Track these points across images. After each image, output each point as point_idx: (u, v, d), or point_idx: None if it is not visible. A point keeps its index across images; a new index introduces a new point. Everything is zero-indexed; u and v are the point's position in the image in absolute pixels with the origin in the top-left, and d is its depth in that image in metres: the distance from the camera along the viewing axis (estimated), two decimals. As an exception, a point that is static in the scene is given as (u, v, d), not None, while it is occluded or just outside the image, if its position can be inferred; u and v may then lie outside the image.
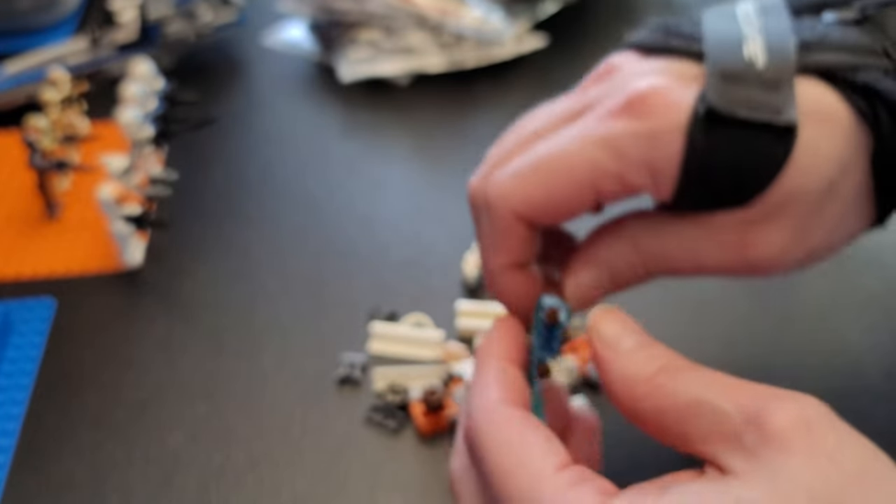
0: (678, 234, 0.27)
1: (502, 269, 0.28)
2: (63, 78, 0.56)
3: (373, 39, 0.63)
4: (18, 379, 0.42)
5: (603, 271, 0.27)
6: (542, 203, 0.26)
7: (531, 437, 0.23)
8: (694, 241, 0.26)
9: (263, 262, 0.48)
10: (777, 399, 0.22)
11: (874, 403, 0.39)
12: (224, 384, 0.41)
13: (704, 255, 0.26)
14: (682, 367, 0.24)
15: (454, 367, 0.40)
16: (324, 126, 0.60)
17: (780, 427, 0.21)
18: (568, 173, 0.25)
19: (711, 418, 0.22)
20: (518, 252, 0.28)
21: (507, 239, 0.27)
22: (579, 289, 0.28)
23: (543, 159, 0.26)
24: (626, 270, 0.27)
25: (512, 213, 0.26)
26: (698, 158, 0.24)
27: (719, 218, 0.26)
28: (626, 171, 0.25)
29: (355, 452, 0.38)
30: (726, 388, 0.23)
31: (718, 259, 0.26)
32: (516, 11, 0.65)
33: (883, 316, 0.43)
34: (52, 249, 0.50)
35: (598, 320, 0.26)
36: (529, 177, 0.26)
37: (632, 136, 0.25)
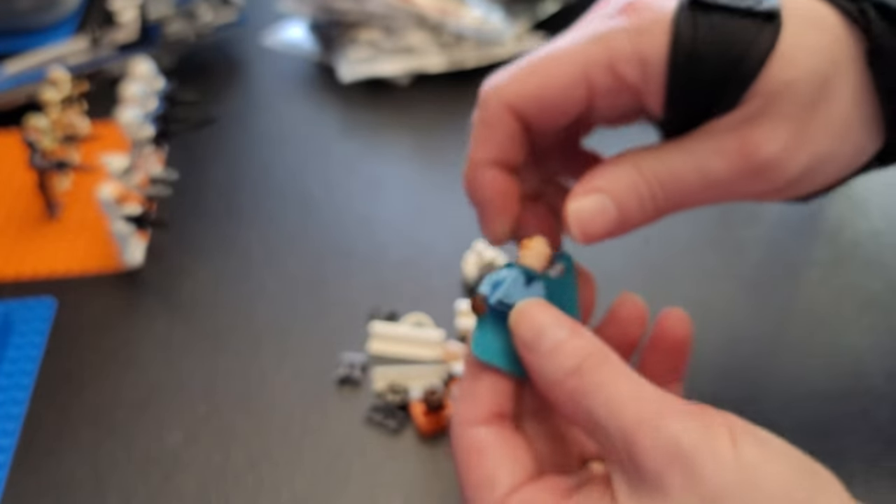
0: (681, 151, 0.26)
1: (485, 162, 0.27)
2: (63, 78, 0.56)
3: (373, 39, 0.63)
4: (19, 379, 0.42)
5: (605, 197, 0.26)
6: (534, 95, 0.26)
7: (485, 466, 0.25)
8: (697, 154, 0.26)
9: (263, 262, 0.48)
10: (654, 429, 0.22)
11: (876, 404, 0.39)
12: (224, 384, 0.41)
13: (710, 166, 0.25)
14: (594, 369, 0.23)
15: (454, 367, 0.40)
16: (324, 126, 0.60)
17: (651, 467, 0.21)
18: (560, 66, 0.26)
19: (604, 440, 0.23)
20: (504, 147, 0.27)
21: (495, 131, 0.27)
22: (580, 214, 0.26)
23: (539, 56, 0.26)
24: (630, 197, 0.26)
25: (503, 104, 0.26)
26: (684, 47, 0.25)
27: (718, 124, 0.26)
28: (616, 62, 0.25)
29: (355, 452, 0.38)
30: (620, 406, 0.22)
31: (724, 168, 0.25)
32: (516, 11, 0.65)
33: (883, 316, 0.43)
34: (52, 249, 0.50)
35: (516, 320, 0.25)
36: (524, 70, 0.26)
37: (623, 31, 0.25)
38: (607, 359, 0.24)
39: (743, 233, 0.49)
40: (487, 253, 0.46)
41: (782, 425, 0.38)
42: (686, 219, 0.50)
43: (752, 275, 0.46)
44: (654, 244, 0.48)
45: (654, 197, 0.26)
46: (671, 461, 0.21)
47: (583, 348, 0.24)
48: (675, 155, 0.26)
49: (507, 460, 0.25)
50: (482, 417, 0.26)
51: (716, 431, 0.22)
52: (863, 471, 0.36)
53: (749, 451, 0.21)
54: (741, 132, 0.25)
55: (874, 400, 0.39)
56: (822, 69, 0.25)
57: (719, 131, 0.26)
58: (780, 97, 0.25)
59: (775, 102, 0.25)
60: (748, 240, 0.48)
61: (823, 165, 0.26)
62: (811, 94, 0.25)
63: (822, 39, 0.25)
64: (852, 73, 0.26)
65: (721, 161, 0.25)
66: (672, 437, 0.21)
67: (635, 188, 0.26)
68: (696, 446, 0.21)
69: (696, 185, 0.26)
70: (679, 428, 0.22)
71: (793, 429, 0.38)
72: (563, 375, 0.24)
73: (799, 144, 0.25)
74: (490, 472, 0.25)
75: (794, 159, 0.25)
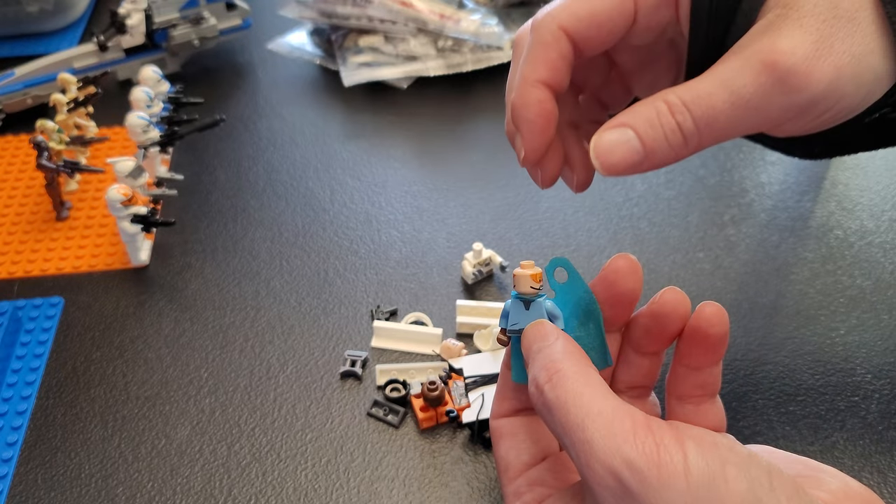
0: (707, 75, 0.26)
1: (535, 82, 0.28)
2: (71, 81, 0.57)
3: (374, 44, 0.64)
4: (27, 375, 0.43)
5: (627, 129, 0.26)
6: (587, 17, 0.27)
7: (500, 449, 0.29)
8: (723, 73, 0.26)
9: (268, 261, 0.49)
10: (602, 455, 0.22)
11: (865, 400, 0.40)
12: (229, 380, 0.42)
13: (736, 82, 0.25)
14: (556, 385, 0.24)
15: (453, 364, 0.41)
16: (327, 128, 0.61)
17: (600, 493, 0.22)
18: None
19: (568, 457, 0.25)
20: (556, 67, 0.27)
21: (549, 51, 0.27)
22: (601, 146, 0.26)
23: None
24: (653, 127, 0.26)
25: (558, 25, 0.27)
26: None
27: (740, 43, 0.26)
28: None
29: (357, 445, 0.39)
30: (574, 426, 0.23)
31: (751, 81, 0.25)
32: (513, 16, 0.66)
33: (871, 314, 0.44)
34: (60, 249, 0.51)
35: (522, 344, 0.27)
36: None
37: None
38: (568, 372, 0.24)
39: (733, 232, 0.50)
40: (485, 252, 0.47)
41: (772, 421, 0.39)
42: (677, 219, 0.51)
43: (743, 273, 0.47)
44: (646, 243, 0.49)
45: (681, 126, 0.26)
46: (620, 497, 0.21)
47: (547, 357, 0.25)
48: (701, 79, 0.26)
49: (520, 443, 0.28)
50: (507, 412, 0.29)
51: (665, 456, 0.21)
52: (852, 466, 0.37)
53: (701, 477, 0.21)
54: (763, 43, 0.25)
55: (863, 396, 0.40)
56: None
57: (742, 47, 0.26)
58: (798, 8, 0.25)
59: (794, 13, 0.25)
60: (738, 239, 0.49)
61: (846, 85, 0.26)
62: (829, 11, 0.25)
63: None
64: (867, 3, 0.26)
65: (747, 74, 0.25)
66: (617, 474, 0.22)
67: (658, 118, 0.26)
68: (643, 481, 0.21)
69: (724, 104, 0.25)
70: (624, 463, 0.21)
71: (783, 424, 0.39)
72: (532, 387, 0.25)
73: (820, 55, 0.25)
74: (504, 455, 0.29)
75: (817, 69, 0.25)
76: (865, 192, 0.53)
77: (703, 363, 0.28)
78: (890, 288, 0.46)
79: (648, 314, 0.28)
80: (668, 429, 0.22)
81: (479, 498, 0.36)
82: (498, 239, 0.50)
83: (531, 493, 0.27)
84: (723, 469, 0.21)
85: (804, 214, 0.51)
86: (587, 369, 0.25)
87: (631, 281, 0.27)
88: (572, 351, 0.25)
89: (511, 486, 0.28)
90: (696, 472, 0.21)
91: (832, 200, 0.52)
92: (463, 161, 0.57)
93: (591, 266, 0.48)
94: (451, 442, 0.39)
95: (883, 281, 0.46)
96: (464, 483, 0.37)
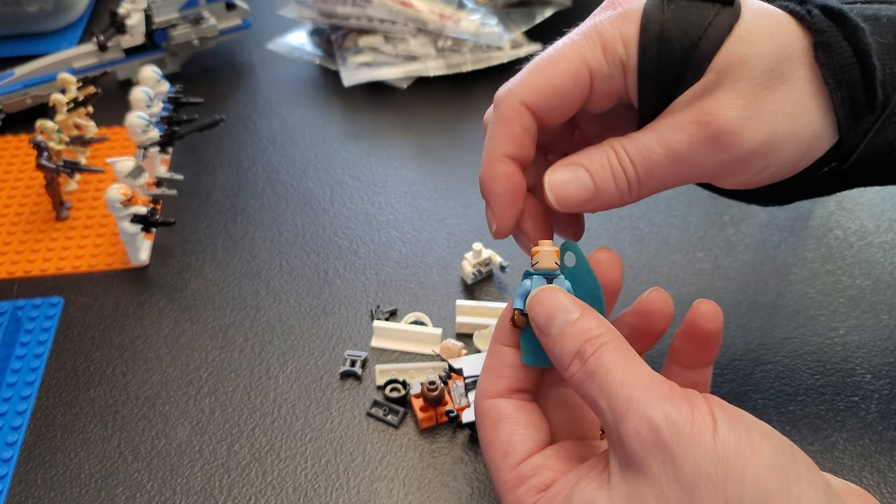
0: (648, 130, 0.28)
1: (500, 157, 0.29)
2: (71, 81, 0.57)
3: (374, 44, 0.64)
4: (26, 375, 0.43)
5: (580, 168, 0.29)
6: (545, 88, 0.29)
7: (501, 432, 0.28)
8: (661, 130, 0.28)
9: (267, 261, 0.49)
10: (638, 415, 0.23)
11: (865, 401, 0.40)
12: (229, 380, 0.42)
13: (672, 139, 0.28)
14: (594, 353, 0.25)
15: (453, 364, 0.41)
16: (326, 128, 0.61)
17: (634, 451, 0.23)
18: (563, 60, 0.29)
19: (602, 420, 0.25)
20: (519, 142, 0.29)
21: (511, 127, 0.29)
22: (555, 181, 0.29)
23: (544, 57, 0.29)
24: (603, 170, 0.29)
25: (519, 101, 0.29)
26: (652, 28, 0.28)
27: (679, 102, 0.28)
28: (606, 45, 0.28)
29: (357, 445, 0.39)
30: (611, 389, 0.24)
31: (685, 139, 0.28)
32: (512, 17, 0.66)
33: (871, 314, 0.44)
34: (59, 249, 0.51)
35: (531, 307, 0.28)
36: (533, 71, 0.29)
37: (609, 19, 0.29)
38: (608, 342, 0.25)
39: (733, 232, 0.50)
40: (485, 252, 0.47)
41: (772, 421, 0.39)
42: (677, 219, 0.51)
43: (742, 273, 0.47)
44: (646, 243, 0.49)
45: (626, 171, 0.28)
46: (651, 447, 0.23)
47: (586, 332, 0.26)
48: (643, 133, 0.28)
49: (522, 428, 0.28)
50: (503, 391, 0.28)
51: (697, 417, 0.23)
52: (852, 466, 0.37)
53: (728, 439, 0.22)
54: (698, 104, 0.28)
55: (863, 396, 0.40)
56: (775, 51, 0.28)
57: (679, 107, 0.28)
58: (734, 71, 0.27)
59: (730, 76, 0.27)
60: (738, 239, 0.49)
61: (781, 143, 0.28)
62: (764, 72, 0.27)
63: (775, 27, 0.28)
64: (804, 63, 0.28)
65: (681, 132, 0.28)
66: (653, 424, 0.23)
67: (608, 162, 0.28)
68: (677, 433, 0.22)
69: (662, 158, 0.28)
70: (661, 414, 0.23)
71: (782, 424, 0.39)
72: (568, 358, 0.26)
73: (753, 116, 0.27)
74: (507, 439, 0.27)
75: (750, 129, 0.27)
76: (865, 192, 0.53)
77: (696, 362, 0.29)
78: (889, 288, 0.46)
79: (635, 313, 0.29)
80: (701, 397, 0.24)
81: (479, 498, 0.36)
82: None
83: (537, 478, 0.26)
84: (748, 434, 0.23)
85: (804, 214, 0.51)
86: (624, 340, 0.26)
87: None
88: (605, 322, 0.26)
89: (513, 473, 0.27)
90: (723, 433, 0.22)
91: (832, 200, 0.52)
92: (463, 161, 0.57)
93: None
94: (451, 442, 0.39)
95: (882, 281, 0.46)
96: (464, 483, 0.37)
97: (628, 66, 0.28)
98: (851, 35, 0.27)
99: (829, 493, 0.23)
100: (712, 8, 0.28)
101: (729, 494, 0.21)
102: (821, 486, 0.23)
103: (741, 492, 0.22)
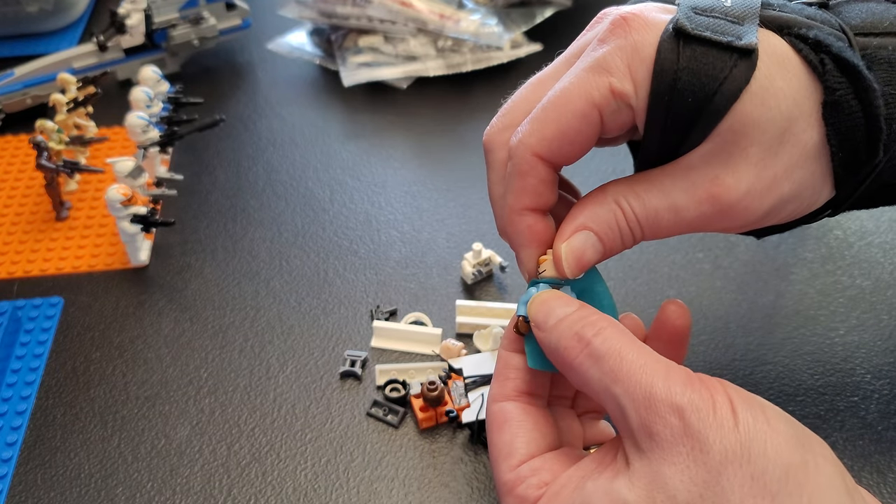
0: (657, 190, 0.28)
1: (522, 211, 0.29)
2: (70, 81, 0.57)
3: (374, 44, 0.64)
4: (26, 375, 0.43)
5: (591, 234, 0.28)
6: (556, 138, 0.28)
7: (505, 435, 0.28)
8: (671, 196, 0.28)
9: (267, 261, 0.49)
10: (662, 400, 0.23)
11: (864, 400, 0.40)
12: (229, 380, 0.42)
13: (682, 207, 0.28)
14: (603, 337, 0.25)
15: (453, 364, 0.41)
16: (326, 128, 0.61)
17: (661, 435, 0.23)
18: (571, 103, 0.27)
19: (613, 406, 0.25)
20: (537, 193, 0.29)
21: (529, 178, 0.29)
22: (572, 252, 0.28)
23: (551, 100, 0.28)
24: (613, 232, 0.28)
25: (532, 153, 0.28)
26: (665, 76, 0.26)
27: (689, 160, 0.28)
28: (615, 82, 0.27)
29: (356, 445, 0.39)
30: (628, 374, 0.24)
31: (694, 211, 0.28)
32: (512, 17, 0.66)
33: (871, 314, 0.44)
34: (59, 249, 0.51)
35: (532, 308, 0.28)
36: (541, 118, 0.28)
37: (617, 50, 0.27)
38: (615, 328, 0.26)
39: (736, 233, 0.50)
40: (485, 252, 0.47)
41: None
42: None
43: (743, 273, 0.47)
44: (646, 244, 0.49)
45: (632, 230, 0.29)
46: (681, 435, 0.23)
47: (583, 318, 0.26)
48: (651, 193, 0.28)
49: (525, 431, 0.28)
50: (510, 394, 0.29)
51: (717, 400, 0.23)
52: (852, 466, 0.37)
53: (747, 419, 0.23)
54: (709, 172, 0.27)
55: (863, 396, 0.40)
56: (788, 113, 0.27)
57: (690, 168, 0.28)
58: (747, 136, 0.27)
59: (742, 141, 0.27)
60: (738, 239, 0.49)
61: (784, 206, 0.28)
62: (775, 136, 0.27)
63: (790, 83, 0.27)
64: (813, 121, 0.27)
65: (691, 202, 0.28)
66: (682, 411, 0.23)
67: (616, 223, 0.28)
68: (701, 417, 0.23)
69: (669, 222, 0.28)
70: (688, 401, 0.23)
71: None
72: (566, 342, 0.26)
73: (763, 186, 0.27)
74: (509, 440, 0.28)
75: (757, 202, 0.27)
76: (865, 192, 0.53)
77: None
78: (889, 288, 0.46)
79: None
80: (716, 381, 0.24)
81: (479, 498, 0.36)
82: (497, 239, 0.50)
83: (536, 477, 0.27)
84: (764, 413, 0.23)
85: (804, 214, 0.51)
86: (626, 328, 0.26)
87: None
88: (605, 315, 0.27)
89: (511, 474, 0.27)
90: (742, 414, 0.23)
91: (832, 200, 0.52)
92: (463, 161, 0.57)
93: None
94: (451, 442, 0.39)
95: (882, 281, 0.46)
96: (464, 483, 0.37)
97: (637, 108, 0.27)
98: (863, 95, 0.27)
99: (839, 465, 0.24)
100: (730, 59, 0.26)
101: (753, 469, 0.22)
102: (831, 459, 0.24)
103: (764, 465, 0.22)
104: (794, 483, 0.22)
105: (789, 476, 0.22)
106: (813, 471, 0.23)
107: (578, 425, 0.31)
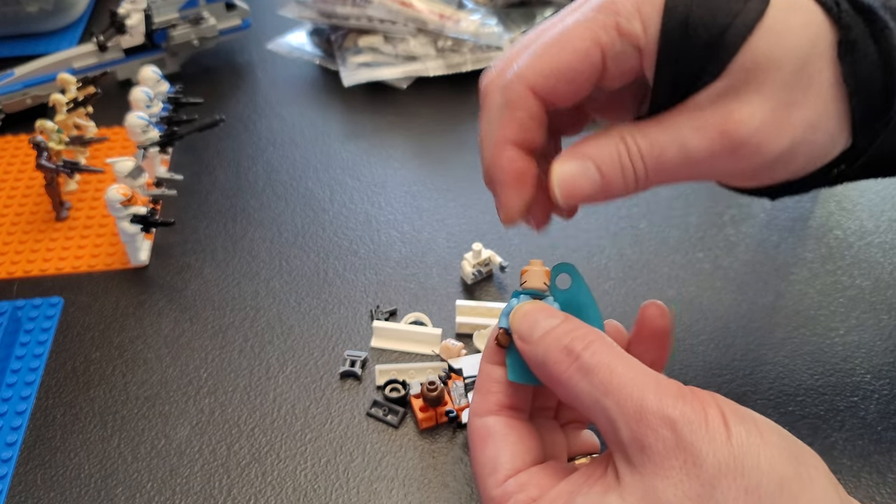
0: (664, 126, 0.27)
1: (507, 142, 0.28)
2: (70, 81, 0.57)
3: (373, 44, 0.64)
4: (26, 376, 0.43)
5: (589, 162, 0.27)
6: (553, 74, 0.27)
7: (489, 450, 0.27)
8: (679, 130, 0.26)
9: (267, 262, 0.49)
10: (654, 414, 0.23)
11: (864, 400, 0.40)
12: (228, 380, 0.42)
13: (689, 142, 0.26)
14: (591, 350, 0.25)
15: (453, 364, 0.41)
16: (326, 128, 0.61)
17: (653, 449, 0.23)
18: (573, 39, 0.26)
19: (603, 419, 0.24)
20: (527, 128, 0.28)
21: (518, 112, 0.27)
22: (563, 176, 0.27)
23: (553, 36, 0.27)
24: (613, 164, 0.27)
25: (527, 86, 0.27)
26: (676, 13, 0.25)
27: (699, 99, 0.26)
28: (621, 21, 0.26)
29: (356, 445, 0.39)
30: (619, 387, 0.24)
31: (703, 146, 0.26)
32: (512, 17, 0.66)
33: (871, 314, 0.44)
34: (59, 249, 0.51)
35: (515, 320, 0.27)
36: (540, 53, 0.27)
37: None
38: (603, 341, 0.25)
39: (733, 232, 0.50)
40: (485, 252, 0.47)
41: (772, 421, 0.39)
42: (677, 219, 0.51)
43: (742, 273, 0.47)
44: (646, 243, 0.49)
45: (635, 168, 0.27)
46: (674, 447, 0.23)
47: (571, 331, 0.26)
48: (659, 130, 0.27)
49: (510, 446, 0.27)
50: (492, 409, 0.28)
51: (709, 413, 0.23)
52: (851, 466, 0.37)
53: (740, 432, 0.23)
54: (720, 108, 0.26)
55: (862, 397, 0.40)
56: (804, 50, 0.26)
57: (700, 107, 0.26)
58: (761, 73, 0.26)
59: (756, 78, 0.26)
60: (738, 239, 0.49)
61: (799, 151, 0.27)
62: (792, 74, 0.26)
63: (806, 21, 0.26)
64: (828, 63, 0.26)
65: (700, 138, 0.26)
66: (674, 424, 0.23)
67: (618, 157, 0.27)
68: (694, 430, 0.23)
69: (676, 159, 0.27)
70: (680, 414, 0.23)
71: (782, 424, 0.39)
72: (554, 355, 0.25)
73: (777, 125, 0.26)
74: (493, 456, 0.27)
75: (771, 141, 0.26)
76: (865, 192, 0.53)
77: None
78: (889, 288, 0.46)
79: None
80: (707, 394, 0.24)
81: (478, 498, 0.36)
82: (497, 239, 0.50)
83: (524, 493, 0.26)
84: (756, 425, 0.23)
85: (804, 214, 0.51)
86: (613, 342, 0.26)
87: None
88: (591, 327, 0.26)
89: (499, 489, 0.26)
90: (734, 427, 0.23)
91: (832, 200, 0.52)
92: (463, 161, 0.57)
93: (590, 266, 0.48)
94: (451, 442, 0.39)
95: (882, 281, 0.46)
96: (464, 483, 0.37)
97: (645, 49, 0.26)
98: (879, 35, 0.26)
99: (831, 478, 0.24)
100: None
101: (748, 483, 0.22)
102: (824, 471, 0.24)
103: (759, 478, 0.22)
104: (789, 495, 0.22)
105: (783, 488, 0.22)
106: (807, 483, 0.22)
107: (562, 436, 0.31)
